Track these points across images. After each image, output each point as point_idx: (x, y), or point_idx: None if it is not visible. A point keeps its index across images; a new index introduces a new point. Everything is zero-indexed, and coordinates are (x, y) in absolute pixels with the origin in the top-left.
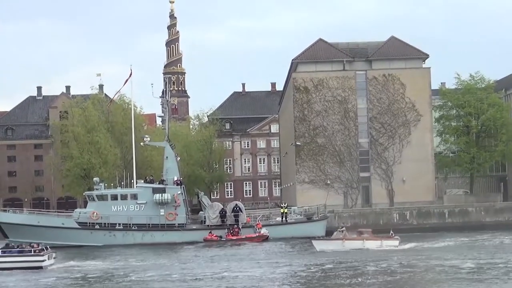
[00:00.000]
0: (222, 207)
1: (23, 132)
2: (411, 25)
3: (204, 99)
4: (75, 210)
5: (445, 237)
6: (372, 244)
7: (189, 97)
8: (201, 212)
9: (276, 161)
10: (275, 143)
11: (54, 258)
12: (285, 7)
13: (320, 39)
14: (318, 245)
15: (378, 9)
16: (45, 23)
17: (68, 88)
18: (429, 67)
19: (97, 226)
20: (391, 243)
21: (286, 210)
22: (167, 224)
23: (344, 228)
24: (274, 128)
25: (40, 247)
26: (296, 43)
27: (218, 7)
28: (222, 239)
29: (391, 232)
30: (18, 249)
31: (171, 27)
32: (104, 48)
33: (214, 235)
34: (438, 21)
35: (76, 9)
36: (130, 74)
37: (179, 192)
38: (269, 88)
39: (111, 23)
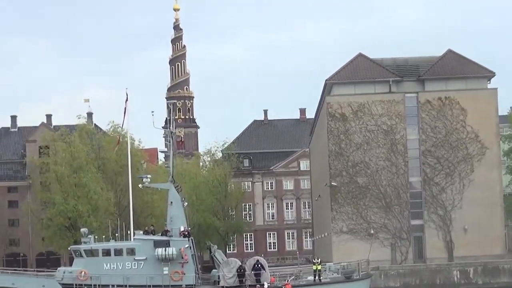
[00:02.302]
0: (240, 264)
1: None
2: (473, 38)
3: (217, 130)
4: (59, 269)
5: None
6: None
7: (198, 128)
8: (214, 270)
9: (306, 206)
10: (305, 184)
11: None
12: (315, 17)
13: (360, 54)
14: None
15: (430, 18)
16: (19, 39)
17: (49, 117)
18: (496, 88)
19: None
20: None
21: (319, 267)
22: (172, 286)
23: None
24: (304, 165)
25: None
26: (330, 60)
27: (232, 16)
28: None
29: None
30: None
31: (176, 40)
32: (93, 68)
33: None
34: (506, 33)
35: (58, 23)
36: (126, 100)
37: (186, 246)
38: (297, 116)
39: (101, 38)
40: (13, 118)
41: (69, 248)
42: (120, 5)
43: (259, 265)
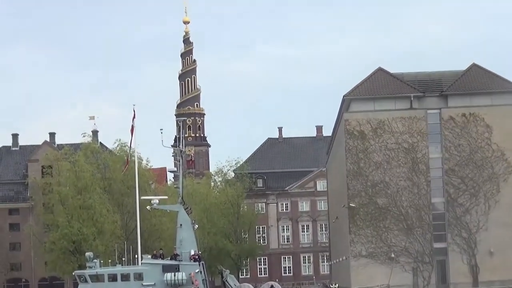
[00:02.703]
0: None
1: None
2: (498, 51)
3: (229, 148)
4: None
5: None
6: None
7: (209, 146)
8: None
9: (323, 229)
10: (322, 205)
11: None
12: (332, 30)
13: (380, 69)
14: None
15: (453, 31)
16: (20, 51)
17: (52, 135)
18: None
19: None
20: None
21: None
22: None
23: None
24: (321, 185)
25: None
26: (348, 75)
27: (245, 29)
28: None
29: None
30: None
31: (186, 54)
32: (99, 83)
33: None
34: None
35: (61, 34)
36: (133, 117)
37: (197, 271)
38: (313, 134)
39: (107, 51)
40: (15, 136)
41: (73, 273)
42: (127, 17)
43: None
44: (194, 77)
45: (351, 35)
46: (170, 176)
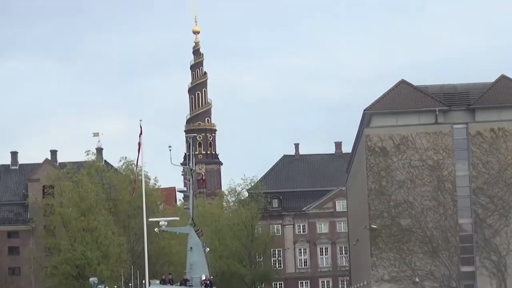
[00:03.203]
0: None
1: None
2: None
3: (243, 166)
4: None
5: None
6: None
7: (221, 164)
8: None
9: (343, 252)
10: (341, 227)
11: None
12: (351, 40)
13: (403, 81)
14: None
15: (480, 41)
16: (17, 62)
17: (53, 153)
18: None
19: None
20: None
21: None
22: None
23: None
24: (341, 205)
25: None
26: (369, 88)
27: (259, 39)
28: None
29: None
30: None
31: (196, 66)
32: (103, 97)
33: None
34: None
35: (63, 45)
36: (140, 133)
37: None
38: (332, 150)
39: (110, 63)
40: (14, 154)
41: None
42: (132, 26)
43: None
44: (204, 90)
45: (372, 45)
46: (179, 196)
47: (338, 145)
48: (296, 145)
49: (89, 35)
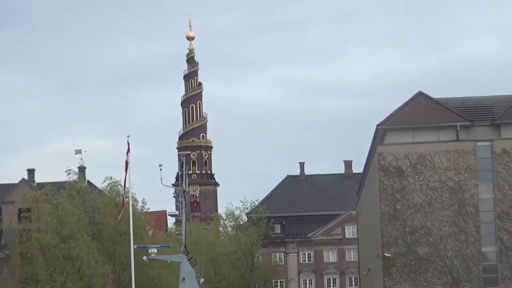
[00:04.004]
0: None
1: None
2: None
3: (241, 188)
4: None
5: None
6: None
7: (217, 185)
8: None
9: (353, 283)
10: (351, 255)
11: None
12: (362, 48)
13: (420, 93)
14: None
15: (506, 47)
16: None
17: (31, 172)
18: None
19: None
20: None
21: None
22: None
23: None
24: (350, 231)
25: None
26: (383, 100)
27: (261, 46)
28: None
29: None
30: None
31: (190, 76)
32: (85, 111)
33: None
34: None
35: (40, 55)
36: (128, 151)
37: None
38: (341, 170)
39: (94, 73)
40: None
41: None
42: (119, 31)
43: None
44: (199, 103)
45: (385, 54)
46: (170, 220)
47: (348, 164)
48: (301, 164)
49: (68, 45)
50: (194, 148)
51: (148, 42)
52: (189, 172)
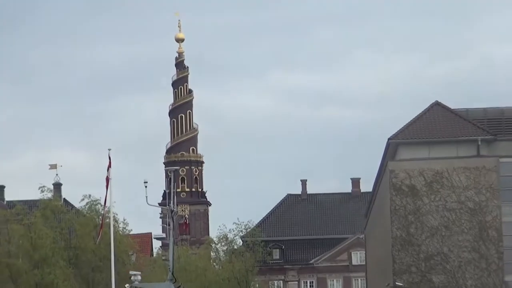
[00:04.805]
0: None
1: None
2: None
3: (236, 208)
4: None
5: None
6: None
7: (209, 205)
8: None
9: None
10: (358, 284)
11: None
12: (371, 51)
13: (437, 103)
14: None
15: None
16: None
17: (0, 189)
18: None
19: None
20: None
21: None
22: None
23: None
24: (358, 257)
25: None
26: (394, 111)
27: (258, 50)
28: None
29: None
30: None
31: (179, 83)
32: (61, 121)
33: None
34: None
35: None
36: (109, 166)
37: None
38: (348, 189)
39: (70, 78)
40: None
41: None
42: (99, 32)
43: None
44: (189, 112)
45: (398, 59)
46: (156, 244)
47: (355, 182)
48: (303, 182)
49: (37, 46)
50: (183, 163)
51: (131, 43)
52: (178, 190)
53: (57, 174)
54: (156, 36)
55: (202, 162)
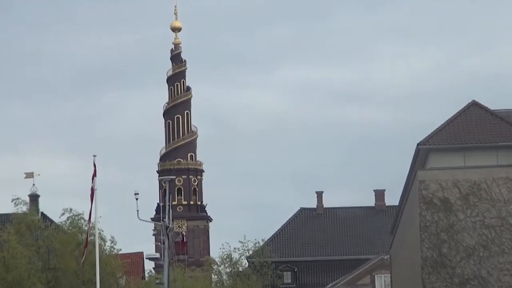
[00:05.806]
0: None
1: None
2: None
3: (240, 224)
4: None
5: None
6: None
7: (210, 220)
8: None
9: None
10: None
11: None
12: (396, 44)
13: (474, 103)
14: None
15: None
16: None
17: None
18: None
19: None
20: None
21: None
22: None
23: None
24: (382, 281)
25: None
26: (424, 112)
27: (266, 41)
28: None
29: None
30: None
31: (175, 79)
32: (38, 122)
33: None
34: None
35: None
36: (94, 175)
37: None
38: (370, 202)
39: (48, 72)
40: None
41: None
42: (81, 17)
43: None
44: (187, 113)
45: (428, 51)
46: (149, 265)
47: (379, 194)
48: (319, 194)
49: (12, 36)
50: (180, 172)
51: (120, 33)
52: (173, 203)
53: (33, 184)
54: (149, 25)
55: (202, 171)
